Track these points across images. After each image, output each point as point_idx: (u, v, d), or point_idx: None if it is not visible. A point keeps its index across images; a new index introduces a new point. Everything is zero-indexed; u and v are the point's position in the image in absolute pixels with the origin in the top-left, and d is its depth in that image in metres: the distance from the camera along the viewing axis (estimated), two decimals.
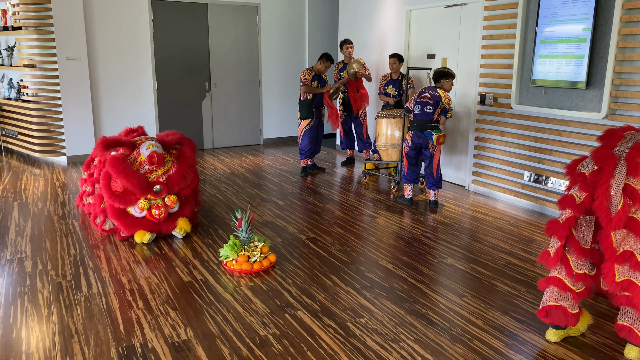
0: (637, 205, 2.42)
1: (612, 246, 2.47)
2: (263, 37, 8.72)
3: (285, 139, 9.32)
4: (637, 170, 2.41)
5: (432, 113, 5.14)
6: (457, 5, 6.01)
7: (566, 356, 2.71)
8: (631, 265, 2.44)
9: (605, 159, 2.47)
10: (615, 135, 2.63)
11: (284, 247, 4.26)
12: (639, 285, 2.44)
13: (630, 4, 4.19)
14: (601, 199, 2.43)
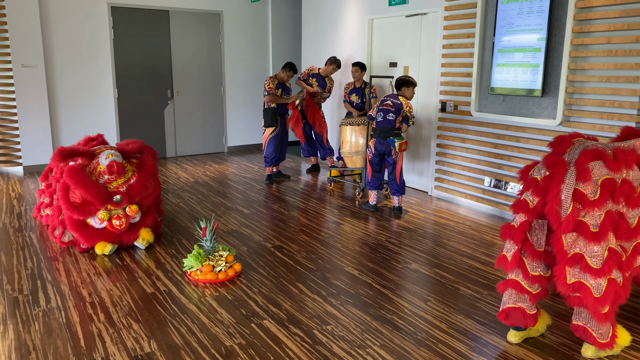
0: (586, 209, 2.52)
1: (563, 249, 2.55)
2: (226, 44, 8.68)
3: (249, 146, 9.27)
4: (585, 176, 2.50)
5: (394, 120, 5.22)
6: (418, 14, 6.13)
7: (527, 357, 2.78)
8: (581, 268, 2.53)
9: (556, 165, 2.56)
10: (564, 141, 2.73)
11: (249, 255, 4.23)
12: (589, 287, 2.53)
13: (581, 15, 4.37)
14: (552, 204, 2.51)
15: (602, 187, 2.51)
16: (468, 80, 5.52)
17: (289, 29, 9.28)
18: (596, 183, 2.52)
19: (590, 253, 2.52)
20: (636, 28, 4.04)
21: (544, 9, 4.61)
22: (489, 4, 5.18)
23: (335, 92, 7.47)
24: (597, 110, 4.40)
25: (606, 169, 2.54)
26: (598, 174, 2.53)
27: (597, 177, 2.53)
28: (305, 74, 6.99)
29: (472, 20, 5.38)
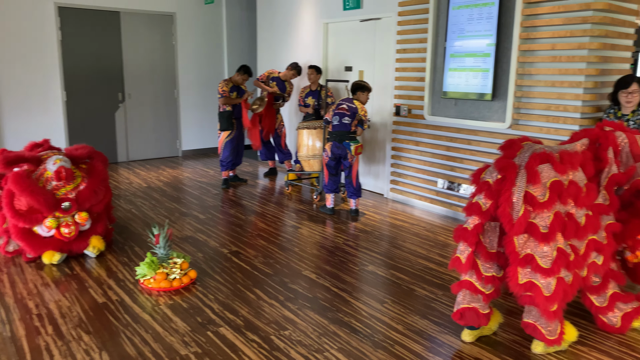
0: (536, 211, 2.61)
1: (515, 250, 2.64)
2: (180, 47, 8.53)
3: (205, 150, 9.14)
4: (535, 178, 2.59)
5: (350, 124, 5.26)
6: (372, 19, 6.21)
7: (481, 355, 2.85)
8: (532, 268, 2.62)
9: (508, 168, 2.65)
10: (514, 145, 2.82)
11: (205, 262, 4.16)
12: (539, 286, 2.62)
13: (528, 22, 4.54)
14: (504, 206, 2.59)
15: (550, 189, 2.60)
16: (421, 84, 5.62)
17: (243, 32, 9.22)
18: (545, 185, 2.61)
19: (540, 253, 2.60)
20: (578, 35, 4.22)
21: (492, 16, 4.76)
22: (441, 10, 5.30)
23: (294, 96, 7.47)
24: (543, 114, 4.57)
25: (554, 172, 2.64)
26: (547, 177, 2.62)
27: (546, 179, 2.62)
28: (264, 76, 6.96)
29: (424, 26, 5.49)
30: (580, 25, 4.21)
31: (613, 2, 4.20)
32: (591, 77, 4.29)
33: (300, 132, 6.19)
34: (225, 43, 9.02)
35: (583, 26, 4.19)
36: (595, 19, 4.12)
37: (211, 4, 8.69)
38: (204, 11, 8.72)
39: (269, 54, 8.05)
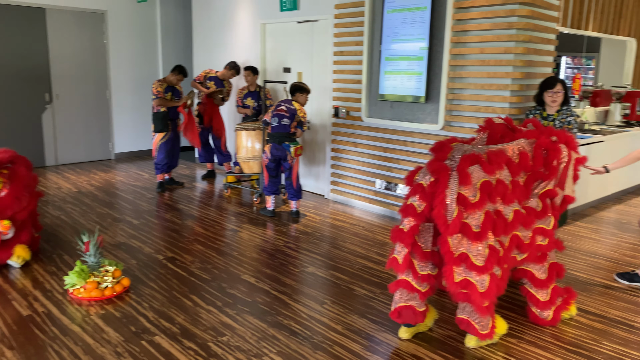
0: (469, 211, 2.70)
1: (450, 250, 2.72)
2: (111, 46, 8.21)
3: (139, 152, 8.85)
4: (466, 180, 2.69)
5: (289, 126, 5.25)
6: (309, 21, 6.23)
7: (417, 351, 2.91)
8: (467, 266, 2.71)
9: (440, 171, 2.73)
10: (445, 147, 2.91)
11: (139, 269, 4.02)
12: (474, 284, 2.72)
13: (458, 27, 4.70)
14: (439, 208, 2.67)
15: (481, 190, 2.70)
16: (358, 86, 5.70)
17: (179, 31, 9.00)
18: (476, 186, 2.71)
19: (474, 252, 2.70)
20: (505, 40, 4.41)
21: (425, 20, 4.89)
22: (376, 13, 5.39)
23: (233, 97, 7.36)
24: (473, 116, 4.75)
25: (483, 172, 2.74)
26: (477, 177, 2.72)
27: (476, 180, 2.72)
28: (202, 76, 6.83)
29: (360, 29, 5.56)
30: (506, 30, 4.40)
31: (535, 9, 4.43)
32: (517, 80, 4.50)
33: (239, 133, 6.12)
34: (160, 42, 8.77)
35: (509, 31, 4.39)
36: (520, 25, 4.33)
37: (144, 2, 8.43)
38: (136, 9, 8.44)
39: (205, 54, 7.90)
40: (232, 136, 7.47)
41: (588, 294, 3.71)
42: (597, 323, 3.28)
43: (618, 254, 4.53)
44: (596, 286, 3.85)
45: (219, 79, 6.81)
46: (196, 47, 8.08)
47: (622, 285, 3.87)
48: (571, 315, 3.32)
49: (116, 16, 8.19)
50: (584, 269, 4.17)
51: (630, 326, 3.24)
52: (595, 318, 3.34)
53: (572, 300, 3.32)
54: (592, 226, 5.29)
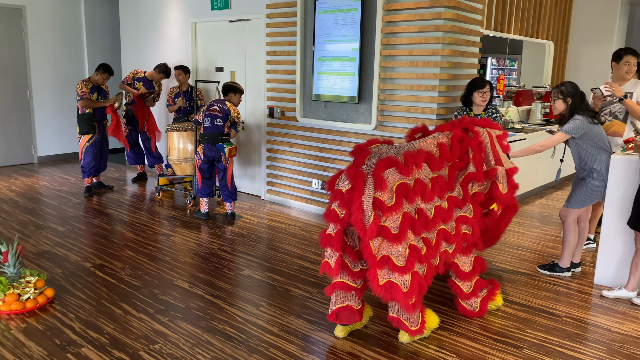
0: (386, 214, 2.75)
1: (372, 254, 2.76)
2: (31, 43, 7.76)
3: (65, 155, 8.42)
4: (382, 185, 2.74)
5: (222, 126, 5.17)
6: (241, 20, 6.16)
7: (353, 349, 2.95)
8: (389, 268, 2.76)
9: (356, 178, 2.76)
10: (362, 151, 2.94)
11: (65, 278, 3.82)
12: (398, 284, 2.77)
13: (388, 29, 4.80)
14: (356, 215, 2.70)
15: (397, 193, 2.76)
16: (292, 87, 5.69)
17: (106, 29, 8.64)
18: (392, 189, 2.76)
19: (395, 253, 2.76)
20: (432, 42, 4.55)
21: (356, 21, 4.96)
22: (308, 14, 5.41)
23: (163, 98, 7.16)
24: (404, 116, 4.86)
25: (399, 175, 2.80)
26: (393, 180, 2.77)
27: (392, 183, 2.77)
28: (129, 77, 6.59)
29: (293, 29, 5.56)
30: (433, 33, 4.54)
31: (460, 12, 4.60)
32: (444, 81, 4.65)
33: (170, 134, 5.95)
34: (85, 40, 8.39)
35: (436, 34, 4.53)
36: (446, 28, 4.47)
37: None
38: (59, 5, 8.02)
39: (134, 53, 7.63)
40: (163, 137, 7.25)
41: (513, 285, 3.90)
42: (521, 312, 3.45)
43: (541, 246, 4.79)
44: (521, 277, 4.05)
45: (148, 79, 6.61)
46: (124, 46, 7.79)
47: (544, 275, 4.10)
48: (498, 306, 3.48)
49: (36, 12, 7.75)
50: (510, 261, 4.38)
51: (551, 314, 3.43)
52: (520, 308, 3.52)
53: (497, 291, 3.47)
54: (516, 220, 5.57)
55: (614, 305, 3.58)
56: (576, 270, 4.15)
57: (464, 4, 4.58)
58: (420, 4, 4.54)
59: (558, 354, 2.94)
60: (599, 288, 3.85)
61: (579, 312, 3.47)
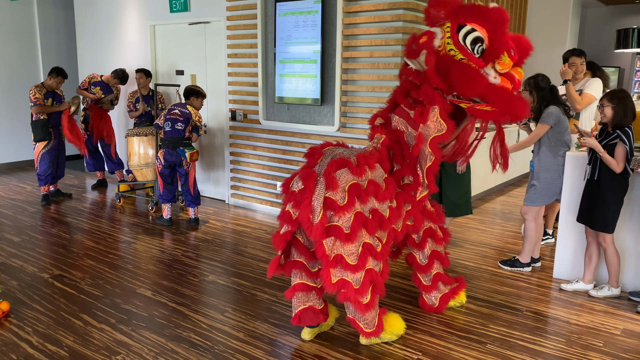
0: (338, 214, 2.76)
1: (326, 254, 2.76)
2: None
3: (20, 163, 8.14)
4: (333, 185, 2.75)
5: (184, 130, 5.09)
6: (201, 22, 6.08)
7: (319, 351, 2.95)
8: (342, 267, 2.77)
9: (307, 178, 2.78)
10: (315, 153, 2.96)
11: (21, 291, 3.68)
12: (350, 282, 2.78)
13: (348, 31, 4.82)
14: (303, 213, 2.71)
15: (349, 193, 2.77)
16: (255, 89, 5.66)
17: (61, 32, 8.40)
18: (344, 189, 2.77)
19: (347, 252, 2.77)
20: (392, 44, 4.60)
21: (317, 23, 4.97)
22: (268, 16, 5.39)
23: (122, 102, 7.00)
24: (366, 117, 4.89)
25: (352, 175, 2.81)
26: (345, 181, 2.78)
27: (344, 183, 2.78)
28: (85, 82, 6.43)
29: (253, 31, 5.53)
30: (393, 34, 4.59)
31: (420, 14, 4.66)
32: None
33: (130, 139, 5.82)
34: (39, 44, 8.13)
35: (395, 36, 4.58)
36: (405, 30, 4.53)
37: (17, 1, 7.76)
38: (10, 9, 7.75)
39: (92, 57, 7.44)
40: (122, 142, 7.10)
41: (476, 281, 3.97)
42: (484, 308, 3.52)
43: (502, 242, 4.90)
44: (483, 273, 4.13)
45: (104, 83, 6.46)
46: (81, 49, 7.58)
47: (505, 271, 4.19)
48: (461, 303, 3.54)
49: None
50: (472, 258, 4.46)
51: (513, 309, 3.51)
52: (483, 304, 3.59)
53: (461, 290, 3.52)
54: (478, 217, 5.68)
55: (572, 297, 3.70)
56: (536, 265, 4.26)
57: (422, 6, 4.65)
58: (380, 6, 4.59)
59: (520, 347, 3.02)
60: (558, 282, 3.97)
61: (540, 306, 3.56)
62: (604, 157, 3.42)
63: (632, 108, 3.43)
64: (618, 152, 3.40)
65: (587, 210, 3.61)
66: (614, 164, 3.40)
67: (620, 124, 3.43)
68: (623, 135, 3.39)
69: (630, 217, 3.71)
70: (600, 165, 3.50)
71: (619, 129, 3.42)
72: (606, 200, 3.50)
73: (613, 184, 3.48)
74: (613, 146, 3.43)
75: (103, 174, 6.93)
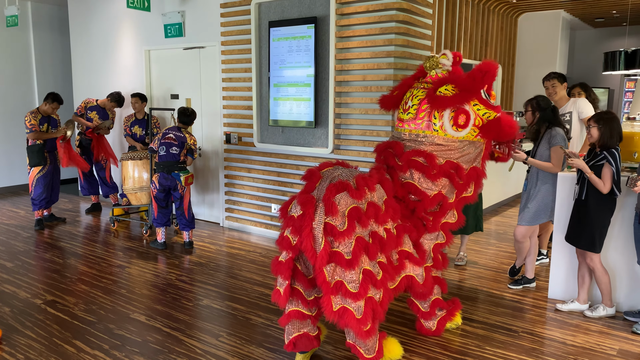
0: (339, 240, 2.71)
1: (326, 280, 2.71)
2: None
3: (14, 188, 8.12)
4: (332, 210, 2.70)
5: (178, 154, 5.11)
6: (196, 47, 6.16)
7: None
8: (343, 294, 2.71)
9: (306, 204, 2.72)
10: (314, 176, 2.90)
11: (13, 317, 3.65)
12: (351, 310, 2.72)
13: (341, 55, 4.89)
14: (306, 242, 2.66)
15: (349, 217, 2.72)
16: (249, 112, 5.71)
17: (56, 57, 8.47)
18: (344, 214, 2.73)
19: (348, 279, 2.71)
20: (384, 67, 4.67)
21: (310, 48, 5.04)
22: (262, 41, 5.47)
23: (117, 125, 7.03)
24: (360, 139, 4.94)
25: (351, 199, 2.77)
26: (344, 205, 2.74)
27: (344, 207, 2.74)
28: (82, 107, 6.45)
29: (248, 56, 5.60)
30: (385, 59, 4.66)
31: (410, 38, 4.75)
32: None
33: (124, 163, 5.84)
34: (35, 69, 8.19)
35: (387, 59, 4.65)
36: (397, 54, 4.60)
37: (15, 27, 7.84)
38: (6, 34, 7.82)
39: (87, 82, 7.49)
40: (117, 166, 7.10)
41: (472, 302, 3.96)
42: (480, 330, 3.51)
43: (496, 263, 4.90)
44: (478, 294, 4.13)
45: (100, 107, 6.50)
46: (76, 75, 7.64)
47: (512, 290, 4.20)
48: (457, 324, 3.52)
49: None
50: (467, 279, 4.46)
51: (509, 330, 3.51)
52: (479, 325, 3.58)
53: (457, 312, 3.52)
54: (473, 238, 5.69)
55: (567, 318, 3.69)
56: (531, 286, 4.27)
57: (413, 31, 4.73)
58: (372, 30, 4.66)
59: None
60: (553, 302, 3.96)
61: (535, 327, 3.55)
62: (591, 178, 3.46)
63: (618, 129, 3.48)
64: (604, 173, 3.44)
65: (575, 229, 3.64)
66: (601, 184, 3.44)
67: (606, 144, 3.48)
68: (609, 157, 3.44)
69: (617, 236, 3.74)
70: (588, 185, 3.54)
71: (606, 150, 3.47)
72: (593, 220, 3.53)
73: (600, 204, 3.51)
74: (600, 167, 3.47)
75: (97, 198, 6.91)
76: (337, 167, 2.98)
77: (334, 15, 4.84)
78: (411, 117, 3.24)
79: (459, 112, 3.12)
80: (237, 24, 5.62)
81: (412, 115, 3.24)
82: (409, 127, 3.26)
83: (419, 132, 3.21)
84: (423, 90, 3.26)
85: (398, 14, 4.56)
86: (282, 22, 5.18)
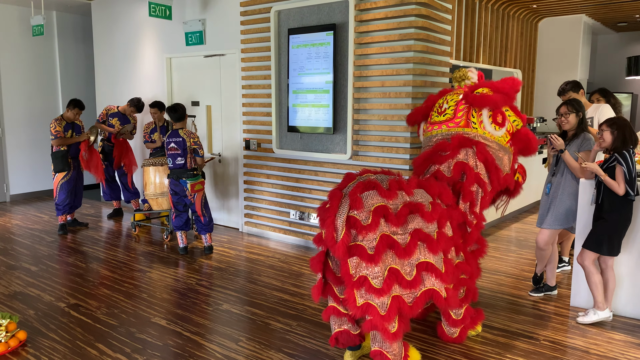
0: (362, 233, 2.76)
1: (349, 273, 2.74)
2: (4, 80, 7.72)
3: (38, 193, 8.29)
4: (357, 204, 2.77)
5: (185, 163, 5.12)
6: (216, 55, 6.24)
7: None
8: (366, 289, 2.73)
9: (332, 197, 2.82)
10: (349, 178, 3.03)
11: (38, 320, 3.72)
12: (376, 307, 2.73)
13: (360, 62, 4.91)
14: (328, 231, 2.73)
15: (373, 213, 2.77)
16: (268, 119, 5.75)
17: (80, 65, 8.65)
18: (369, 210, 2.78)
19: (372, 274, 2.73)
20: (403, 74, 4.67)
21: (329, 55, 5.07)
22: (282, 48, 5.51)
23: (139, 131, 7.14)
24: (378, 145, 4.94)
25: (379, 197, 2.83)
26: (371, 202, 2.80)
27: (370, 204, 2.79)
28: (103, 114, 6.58)
29: (267, 63, 5.65)
30: (404, 65, 4.67)
31: (429, 44, 4.75)
32: None
33: (146, 169, 5.92)
34: (59, 77, 8.37)
35: (406, 66, 4.65)
36: (416, 60, 4.60)
37: (40, 36, 8.03)
38: (33, 43, 8.02)
39: (109, 89, 7.64)
40: (138, 172, 7.21)
41: (492, 310, 3.93)
42: (501, 337, 3.47)
43: (517, 270, 4.85)
44: (499, 302, 4.09)
45: (121, 113, 6.61)
46: (99, 83, 7.79)
47: (534, 297, 4.15)
48: (477, 332, 3.49)
49: (8, 49, 7.73)
50: (488, 286, 4.42)
51: (530, 337, 3.46)
52: (500, 332, 3.54)
53: (480, 321, 3.48)
54: (493, 244, 5.64)
55: (589, 326, 3.63)
56: (552, 293, 4.21)
57: (432, 37, 4.73)
58: (391, 37, 4.68)
59: None
60: (575, 310, 3.90)
61: (557, 335, 3.50)
62: (606, 180, 3.45)
63: (631, 135, 3.46)
64: (617, 174, 3.43)
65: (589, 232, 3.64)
66: (616, 185, 3.43)
67: (619, 149, 3.45)
68: (620, 158, 3.42)
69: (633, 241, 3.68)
70: (604, 189, 3.52)
71: (617, 152, 3.45)
72: (606, 222, 3.51)
73: (613, 207, 3.49)
74: (613, 169, 3.46)
75: (119, 204, 7.02)
76: (379, 174, 3.04)
77: (352, 22, 4.86)
78: (449, 117, 3.31)
79: (496, 112, 3.22)
80: (257, 31, 5.68)
81: (450, 116, 3.31)
82: (447, 126, 3.33)
83: (458, 129, 3.26)
84: (457, 95, 3.33)
85: (417, 20, 4.56)
86: (301, 29, 5.22)
